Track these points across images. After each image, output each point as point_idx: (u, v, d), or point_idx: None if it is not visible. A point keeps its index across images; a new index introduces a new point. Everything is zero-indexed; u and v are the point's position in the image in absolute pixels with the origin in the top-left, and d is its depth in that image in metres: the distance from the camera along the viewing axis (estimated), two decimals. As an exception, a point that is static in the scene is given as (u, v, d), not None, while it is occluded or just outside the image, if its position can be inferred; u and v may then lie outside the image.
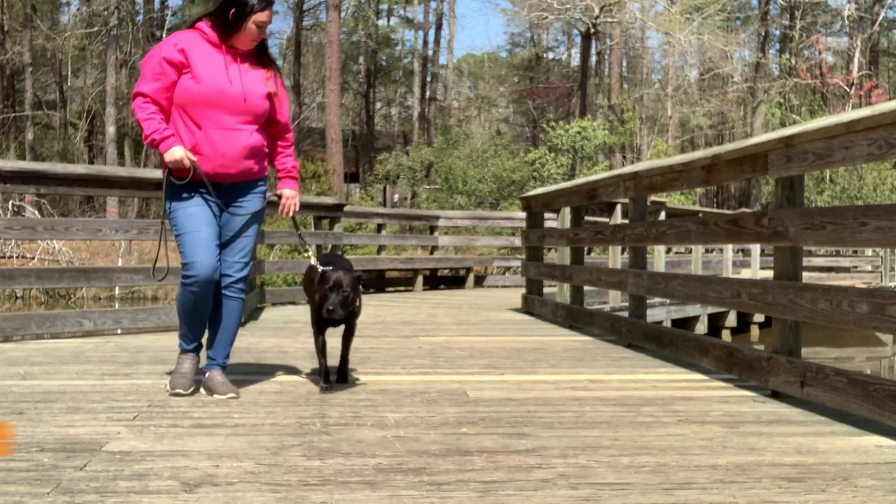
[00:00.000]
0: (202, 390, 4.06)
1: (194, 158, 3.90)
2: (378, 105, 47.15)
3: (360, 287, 4.13)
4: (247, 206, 4.08)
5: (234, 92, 3.93)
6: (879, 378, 3.39)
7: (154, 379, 4.48)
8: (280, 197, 4.24)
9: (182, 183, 3.94)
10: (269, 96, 4.04)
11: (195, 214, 3.95)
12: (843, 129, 3.49)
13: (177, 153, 3.87)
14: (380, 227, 14.99)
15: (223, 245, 4.06)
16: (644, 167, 5.96)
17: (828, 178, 29.54)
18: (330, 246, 10.35)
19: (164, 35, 32.89)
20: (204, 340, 4.19)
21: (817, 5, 37.62)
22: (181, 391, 3.98)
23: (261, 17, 3.95)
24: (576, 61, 42.24)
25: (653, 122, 39.33)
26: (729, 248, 13.69)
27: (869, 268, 21.24)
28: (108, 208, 24.71)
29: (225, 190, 4.03)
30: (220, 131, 3.92)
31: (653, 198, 9.27)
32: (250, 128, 3.99)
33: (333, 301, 3.95)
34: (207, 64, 3.92)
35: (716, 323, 13.39)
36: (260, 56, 4.08)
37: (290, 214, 4.25)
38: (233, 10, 3.92)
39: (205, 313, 4.06)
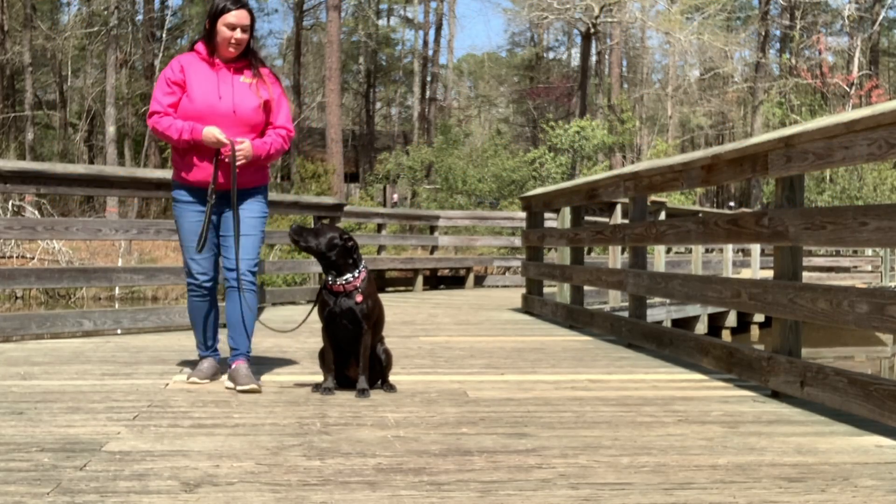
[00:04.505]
0: (227, 381, 4.21)
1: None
2: (378, 105, 47.17)
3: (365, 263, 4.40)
4: (249, 210, 4.27)
5: (224, 107, 4.12)
6: (879, 378, 3.39)
7: (154, 379, 4.48)
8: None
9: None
10: (263, 106, 4.19)
11: (194, 230, 4.22)
12: (843, 129, 3.49)
13: (212, 132, 4.06)
14: (380, 227, 14.99)
15: (228, 245, 4.28)
16: (644, 167, 5.96)
17: (828, 178, 29.55)
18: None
19: (164, 35, 33.00)
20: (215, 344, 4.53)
21: (817, 5, 37.63)
22: (196, 379, 4.30)
23: (227, 17, 4.07)
24: (576, 61, 42.24)
25: (653, 122, 39.37)
26: (729, 248, 13.68)
27: (869, 268, 21.23)
28: (108, 208, 24.71)
29: (225, 196, 4.22)
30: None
31: (653, 198, 9.27)
32: (244, 139, 4.15)
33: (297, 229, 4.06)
34: (201, 82, 4.14)
35: (716, 323, 13.38)
36: (252, 65, 4.23)
37: (226, 159, 4.09)
38: (207, 20, 4.16)
39: (210, 316, 4.44)
